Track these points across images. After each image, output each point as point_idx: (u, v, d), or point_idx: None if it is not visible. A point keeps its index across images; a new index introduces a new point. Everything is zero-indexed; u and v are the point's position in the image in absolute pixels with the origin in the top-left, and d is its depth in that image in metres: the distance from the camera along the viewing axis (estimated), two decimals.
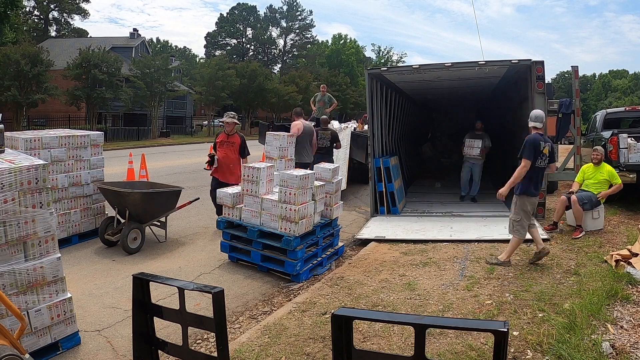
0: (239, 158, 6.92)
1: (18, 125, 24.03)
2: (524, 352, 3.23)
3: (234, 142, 6.92)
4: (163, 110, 37.25)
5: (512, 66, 8.05)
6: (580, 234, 6.35)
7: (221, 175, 6.93)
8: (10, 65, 23.88)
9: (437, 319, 2.70)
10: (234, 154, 6.90)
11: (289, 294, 4.96)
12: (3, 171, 3.17)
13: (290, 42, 67.03)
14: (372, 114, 8.59)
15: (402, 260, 5.62)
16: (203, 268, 5.56)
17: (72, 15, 50.17)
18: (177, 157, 17.44)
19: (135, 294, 2.71)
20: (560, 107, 7.95)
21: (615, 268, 4.82)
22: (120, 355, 3.61)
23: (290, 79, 45.41)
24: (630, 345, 3.24)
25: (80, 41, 36.53)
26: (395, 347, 3.41)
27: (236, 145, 6.89)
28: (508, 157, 10.54)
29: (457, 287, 4.56)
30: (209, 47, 64.08)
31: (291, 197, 5.19)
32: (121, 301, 4.49)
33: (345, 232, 7.16)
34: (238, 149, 6.90)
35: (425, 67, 8.26)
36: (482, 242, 6.21)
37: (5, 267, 3.19)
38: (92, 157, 6.56)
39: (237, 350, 3.44)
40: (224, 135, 7.05)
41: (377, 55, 71.04)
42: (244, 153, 6.92)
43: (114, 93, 28.75)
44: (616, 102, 59.89)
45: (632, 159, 7.68)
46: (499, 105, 11.75)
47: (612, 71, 79.09)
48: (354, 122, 14.29)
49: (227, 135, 6.98)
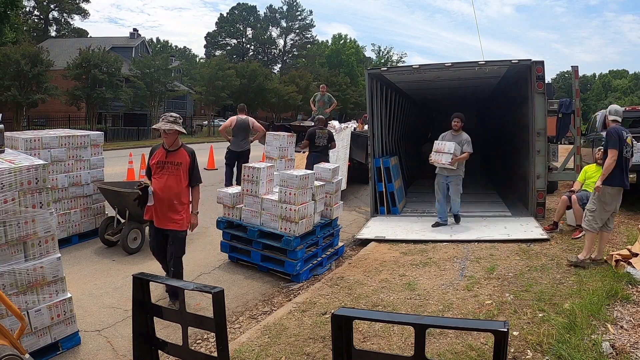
0: (187, 188, 4.36)
1: (18, 125, 24.01)
2: (524, 352, 3.23)
3: (179, 162, 4.29)
4: (163, 110, 37.07)
5: (512, 66, 8.05)
6: (580, 234, 6.34)
7: (158, 219, 4.33)
8: (10, 65, 23.87)
9: (437, 319, 2.70)
10: (178, 183, 4.29)
11: (289, 294, 4.96)
12: (3, 171, 3.17)
13: (290, 42, 67.06)
14: (372, 114, 8.59)
15: (402, 260, 5.62)
16: (203, 268, 5.56)
17: (72, 15, 50.17)
18: None
19: (135, 294, 2.71)
20: (560, 107, 7.95)
21: (615, 268, 4.82)
22: (120, 355, 3.61)
23: (290, 79, 45.42)
24: (630, 345, 3.24)
25: (80, 41, 36.52)
26: (395, 347, 3.41)
27: (183, 166, 4.29)
28: (508, 157, 10.56)
29: (457, 287, 4.56)
30: (209, 47, 64.09)
31: (291, 197, 5.19)
32: (121, 301, 4.49)
33: (345, 232, 7.16)
34: (186, 173, 4.31)
35: (425, 67, 8.27)
36: (482, 242, 6.21)
37: (5, 267, 3.19)
38: (92, 157, 6.56)
39: (237, 350, 3.44)
40: (161, 152, 4.34)
41: (377, 55, 71.08)
42: (193, 178, 4.36)
43: (114, 93, 28.74)
44: (616, 102, 59.83)
45: (632, 159, 7.66)
46: (499, 106, 11.75)
47: (612, 71, 79.09)
48: (354, 122, 14.28)
49: (167, 151, 4.31)
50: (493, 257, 5.52)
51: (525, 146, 8.19)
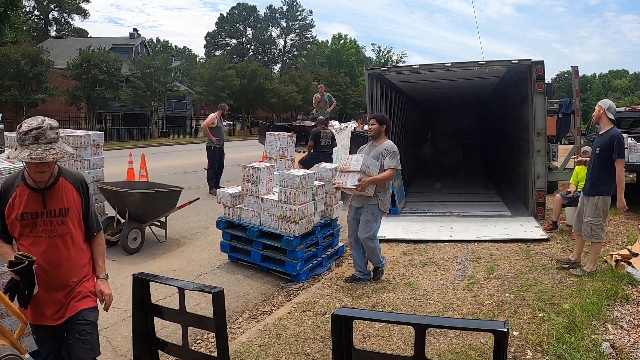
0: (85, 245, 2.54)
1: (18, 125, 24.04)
2: (524, 352, 3.23)
3: (65, 207, 2.40)
4: (163, 110, 37.25)
5: (512, 66, 8.06)
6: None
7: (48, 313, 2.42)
8: (10, 65, 23.90)
9: (437, 319, 2.70)
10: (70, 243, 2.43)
11: (289, 294, 4.96)
12: (3, 171, 3.17)
13: (290, 42, 67.11)
14: (372, 114, 8.58)
15: (402, 260, 5.62)
16: (203, 268, 5.56)
17: (72, 15, 50.23)
18: (177, 157, 17.42)
19: (135, 294, 2.71)
20: (560, 107, 7.95)
21: (615, 268, 4.82)
22: (120, 355, 3.61)
23: (290, 79, 45.46)
24: (630, 345, 3.24)
25: (80, 41, 36.52)
26: (395, 347, 3.41)
27: (72, 213, 2.43)
28: (508, 157, 10.56)
29: (457, 287, 4.56)
30: (209, 47, 64.13)
31: (291, 197, 5.19)
32: (121, 301, 4.47)
33: (345, 232, 7.13)
34: (79, 221, 2.48)
35: (425, 67, 8.27)
36: (482, 242, 6.21)
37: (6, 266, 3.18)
38: (92, 157, 6.55)
39: (237, 350, 3.44)
40: (27, 195, 2.35)
41: (377, 55, 71.15)
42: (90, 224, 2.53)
43: (114, 93, 28.77)
44: (616, 102, 59.75)
45: (632, 159, 7.68)
46: (499, 106, 11.75)
47: (612, 71, 79.17)
48: (354, 122, 14.29)
49: (39, 193, 2.35)
50: (493, 257, 5.52)
51: (525, 146, 8.20)
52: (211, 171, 9.55)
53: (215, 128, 9.53)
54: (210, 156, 9.55)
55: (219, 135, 9.53)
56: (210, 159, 9.57)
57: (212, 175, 9.52)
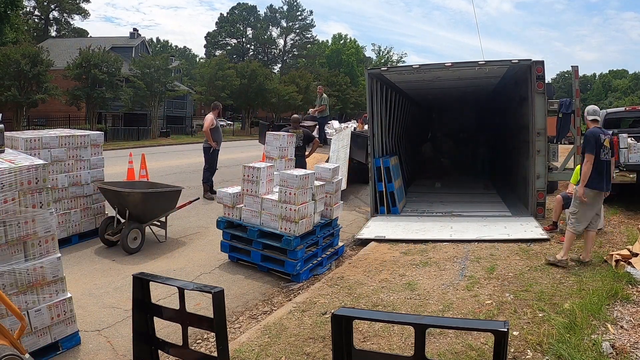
0: None
1: (18, 125, 24.03)
2: (524, 352, 3.23)
3: None
4: (163, 110, 37.24)
5: (512, 66, 8.06)
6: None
7: None
8: (10, 65, 23.88)
9: (437, 319, 2.70)
10: None
11: (289, 294, 4.96)
12: (3, 171, 3.17)
13: (290, 42, 67.06)
14: (372, 114, 8.59)
15: (402, 260, 5.62)
16: (203, 268, 5.56)
17: (72, 15, 50.23)
18: (177, 157, 17.43)
19: (135, 294, 2.71)
20: (560, 107, 7.95)
21: (615, 268, 4.82)
22: (120, 355, 3.61)
23: (290, 79, 45.45)
24: (630, 345, 3.24)
25: (80, 41, 36.50)
26: (395, 347, 3.41)
27: None
28: (508, 157, 10.56)
29: (457, 287, 4.56)
30: (209, 47, 64.11)
31: (291, 197, 5.19)
32: (121, 301, 4.48)
33: (345, 232, 7.15)
34: None
35: (425, 67, 8.27)
36: (482, 242, 6.21)
37: (5, 267, 3.18)
38: (92, 157, 6.56)
39: (237, 350, 3.44)
40: None
41: (377, 55, 71.18)
42: None
43: (114, 93, 28.76)
44: (616, 102, 59.98)
45: (632, 159, 7.68)
46: (499, 105, 11.76)
47: (612, 71, 79.23)
48: (354, 122, 14.30)
49: None
50: (493, 257, 5.52)
51: (525, 146, 8.20)
52: (207, 173, 9.42)
53: (215, 129, 9.47)
54: (207, 158, 9.44)
55: (217, 136, 9.48)
56: (209, 160, 9.48)
57: (207, 178, 9.41)
